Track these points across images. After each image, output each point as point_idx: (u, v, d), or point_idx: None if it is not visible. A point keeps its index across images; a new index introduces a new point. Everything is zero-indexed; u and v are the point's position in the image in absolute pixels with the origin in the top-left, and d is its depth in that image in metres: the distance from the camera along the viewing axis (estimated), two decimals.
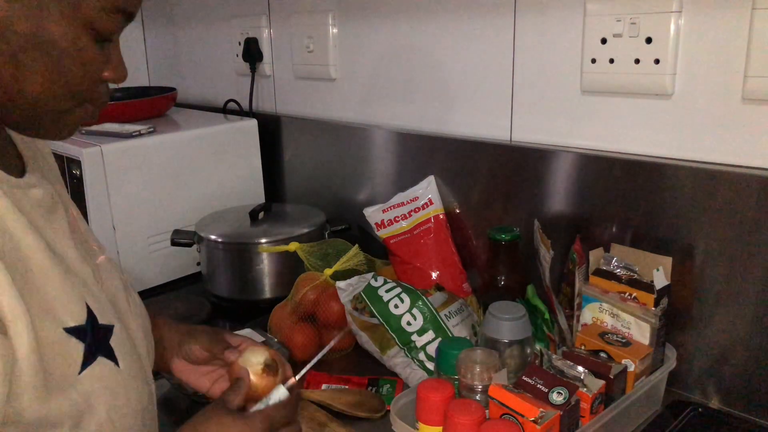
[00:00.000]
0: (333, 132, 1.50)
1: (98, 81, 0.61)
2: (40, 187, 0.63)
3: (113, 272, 0.72)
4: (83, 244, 0.69)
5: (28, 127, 0.62)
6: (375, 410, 0.96)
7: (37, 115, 0.60)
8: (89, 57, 0.59)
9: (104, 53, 0.61)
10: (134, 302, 0.75)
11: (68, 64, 0.57)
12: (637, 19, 0.98)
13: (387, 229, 1.26)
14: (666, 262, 0.94)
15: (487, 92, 1.21)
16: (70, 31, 0.56)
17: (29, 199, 0.61)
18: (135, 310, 0.73)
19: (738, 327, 0.93)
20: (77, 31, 0.57)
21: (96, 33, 0.58)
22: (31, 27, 0.55)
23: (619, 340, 0.90)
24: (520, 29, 1.14)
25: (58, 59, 0.57)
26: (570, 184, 1.09)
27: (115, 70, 0.62)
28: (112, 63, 0.62)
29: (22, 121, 0.61)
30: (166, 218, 1.43)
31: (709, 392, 0.98)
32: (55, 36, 0.56)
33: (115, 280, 0.72)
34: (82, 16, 0.56)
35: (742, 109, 0.92)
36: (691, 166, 0.96)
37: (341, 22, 1.45)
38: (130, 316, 0.71)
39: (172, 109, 1.75)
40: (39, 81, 0.57)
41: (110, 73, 0.62)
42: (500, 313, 0.87)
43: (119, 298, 0.70)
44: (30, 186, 0.62)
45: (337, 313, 1.11)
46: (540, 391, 0.76)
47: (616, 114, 1.05)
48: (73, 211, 0.72)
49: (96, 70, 0.60)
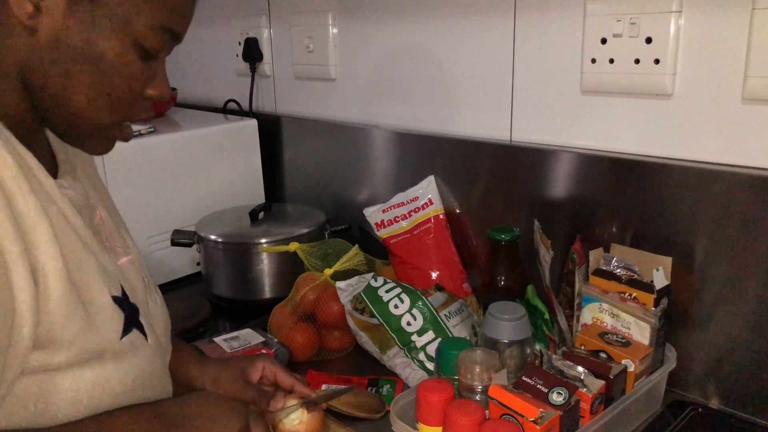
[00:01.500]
0: (333, 132, 1.50)
1: (140, 97, 0.65)
2: (71, 189, 0.67)
3: (136, 274, 0.76)
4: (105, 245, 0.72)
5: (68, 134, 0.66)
6: (375, 410, 0.96)
7: (77, 125, 0.64)
8: (134, 72, 0.63)
9: (150, 70, 0.65)
10: (155, 304, 0.79)
11: (114, 78, 0.62)
12: (637, 19, 0.98)
13: (387, 229, 1.26)
14: (666, 262, 0.94)
15: (487, 92, 1.21)
16: (118, 47, 0.61)
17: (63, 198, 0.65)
18: (153, 313, 0.77)
19: (738, 327, 0.93)
20: (125, 47, 0.61)
21: (143, 50, 0.62)
22: (83, 40, 0.59)
23: (619, 341, 0.90)
24: (520, 29, 1.14)
25: (105, 72, 0.61)
26: (570, 184, 1.09)
27: (159, 87, 0.66)
28: (156, 81, 0.66)
29: (62, 129, 0.65)
30: (166, 218, 1.43)
31: (709, 392, 0.98)
32: (104, 50, 0.60)
33: (137, 281, 0.75)
34: (131, 33, 0.61)
35: (742, 109, 0.92)
36: (691, 166, 0.96)
37: (341, 22, 1.45)
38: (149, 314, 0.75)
39: (172, 109, 1.75)
40: (85, 91, 0.61)
41: (154, 91, 0.66)
42: (500, 314, 0.87)
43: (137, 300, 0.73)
44: (62, 186, 0.66)
45: (337, 313, 1.11)
46: (540, 391, 0.76)
47: (616, 114, 1.05)
48: (101, 213, 0.75)
49: (140, 86, 0.64)
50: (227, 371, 0.89)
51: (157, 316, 0.78)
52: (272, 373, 0.90)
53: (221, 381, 0.88)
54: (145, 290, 0.77)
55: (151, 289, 0.79)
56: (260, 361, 0.90)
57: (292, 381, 0.88)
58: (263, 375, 0.90)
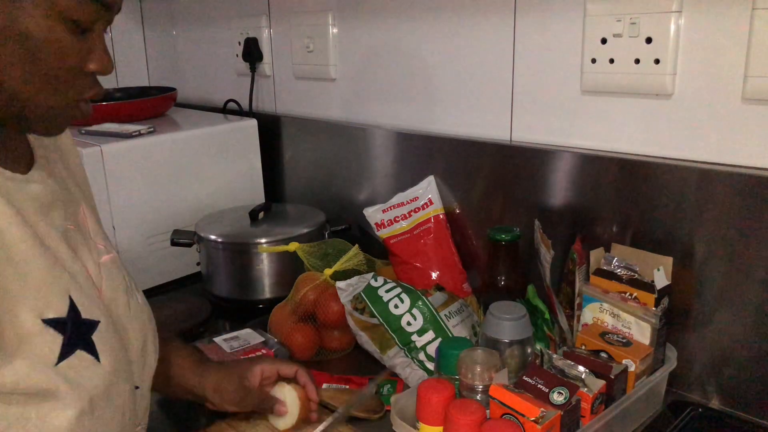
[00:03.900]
0: (333, 132, 1.50)
1: (81, 73, 0.62)
2: (40, 183, 0.65)
3: (116, 273, 0.73)
4: (86, 242, 0.70)
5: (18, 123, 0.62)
6: (374, 410, 0.96)
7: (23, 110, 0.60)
8: (66, 47, 0.59)
9: (85, 44, 0.61)
10: (136, 304, 0.75)
11: (44, 55, 0.58)
12: (637, 19, 0.98)
13: (387, 229, 1.26)
14: (666, 262, 0.94)
15: (487, 92, 1.21)
16: (43, 22, 0.57)
17: (24, 194, 0.62)
18: (134, 313, 0.74)
19: (738, 327, 0.93)
20: (51, 22, 0.57)
21: (72, 23, 0.59)
22: (4, 20, 0.55)
23: (619, 340, 0.90)
24: (520, 29, 1.14)
25: (34, 51, 0.57)
26: (570, 184, 1.09)
27: (99, 61, 0.62)
28: (95, 54, 0.62)
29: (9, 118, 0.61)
30: (166, 218, 1.43)
31: (709, 392, 0.98)
32: (29, 27, 0.56)
33: (118, 280, 0.72)
34: (55, 5, 0.57)
35: (742, 109, 0.92)
36: (691, 165, 0.96)
37: (341, 22, 1.45)
38: (127, 317, 0.72)
39: (172, 109, 1.75)
40: (18, 74, 0.57)
41: (95, 65, 0.62)
42: (501, 313, 0.87)
43: (118, 299, 0.71)
44: (29, 181, 0.64)
45: (337, 313, 1.11)
46: (541, 391, 0.76)
47: (616, 114, 1.05)
48: (85, 209, 0.73)
49: (76, 61, 0.61)
50: (227, 379, 0.89)
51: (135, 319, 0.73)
52: (273, 371, 0.90)
53: (222, 390, 0.88)
54: (126, 290, 0.73)
55: (132, 289, 0.76)
56: (258, 365, 0.90)
57: (294, 369, 0.91)
58: (264, 377, 0.90)
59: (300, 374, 0.92)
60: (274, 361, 0.92)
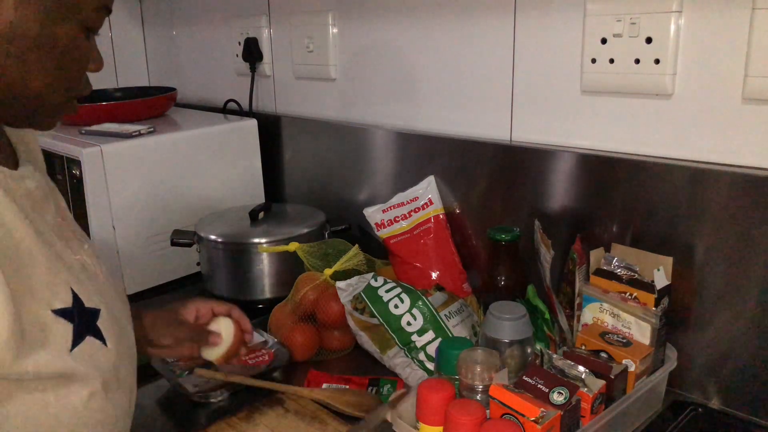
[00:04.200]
0: (333, 132, 1.50)
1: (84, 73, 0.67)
2: (32, 179, 0.67)
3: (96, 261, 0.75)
4: (74, 234, 0.72)
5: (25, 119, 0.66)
6: (373, 410, 0.96)
7: (36, 109, 0.64)
8: (83, 52, 0.64)
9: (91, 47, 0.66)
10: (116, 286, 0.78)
11: (68, 61, 0.63)
12: (637, 19, 0.98)
13: (387, 229, 1.26)
14: (666, 262, 0.94)
15: (487, 92, 1.21)
16: (70, 31, 0.62)
17: (22, 190, 0.64)
18: (118, 296, 0.77)
19: (738, 327, 0.93)
20: (75, 31, 0.62)
21: (87, 30, 0.64)
22: (37, 29, 0.60)
23: (619, 340, 0.90)
24: (520, 29, 1.14)
25: (61, 57, 0.62)
26: (570, 184, 1.09)
27: (97, 61, 0.68)
28: (94, 54, 0.67)
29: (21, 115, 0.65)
30: (166, 218, 1.43)
31: (709, 392, 0.98)
32: (58, 36, 0.61)
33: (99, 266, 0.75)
34: (79, 16, 0.62)
35: (742, 109, 0.92)
36: (691, 165, 0.96)
37: (341, 22, 1.45)
38: (115, 300, 0.75)
39: (172, 109, 1.75)
40: (42, 78, 0.62)
41: (95, 65, 0.68)
42: (500, 313, 0.87)
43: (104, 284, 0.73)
44: (23, 177, 0.66)
45: (337, 313, 1.11)
46: (541, 391, 0.76)
47: (616, 114, 1.05)
48: (61, 203, 0.75)
49: (87, 63, 0.66)
50: (161, 315, 0.93)
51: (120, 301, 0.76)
52: (207, 309, 0.96)
53: (158, 325, 0.91)
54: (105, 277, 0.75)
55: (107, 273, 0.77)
56: (192, 302, 0.95)
57: (227, 307, 0.96)
58: (199, 315, 0.95)
59: (234, 310, 0.97)
60: (208, 301, 0.97)
